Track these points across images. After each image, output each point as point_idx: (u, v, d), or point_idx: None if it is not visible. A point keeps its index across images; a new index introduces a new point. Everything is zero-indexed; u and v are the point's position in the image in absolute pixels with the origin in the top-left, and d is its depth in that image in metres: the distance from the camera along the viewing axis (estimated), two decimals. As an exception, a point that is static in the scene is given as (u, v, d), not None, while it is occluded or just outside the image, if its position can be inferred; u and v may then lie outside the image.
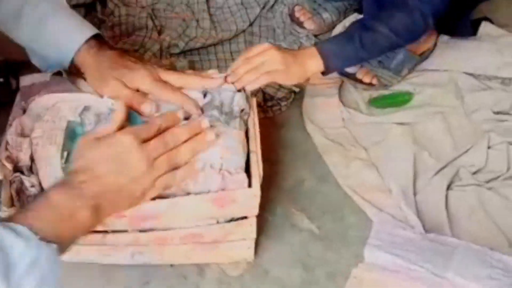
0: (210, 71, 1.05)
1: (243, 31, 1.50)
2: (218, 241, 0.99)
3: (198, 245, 0.99)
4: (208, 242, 0.99)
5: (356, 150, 1.24)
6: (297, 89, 1.37)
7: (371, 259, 0.80)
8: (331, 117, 1.30)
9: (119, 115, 0.84)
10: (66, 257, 0.93)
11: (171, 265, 1.03)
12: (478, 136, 1.24)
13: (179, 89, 0.97)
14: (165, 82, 0.96)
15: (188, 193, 0.90)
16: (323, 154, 1.24)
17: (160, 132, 0.85)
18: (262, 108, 1.33)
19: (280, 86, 1.36)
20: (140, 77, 0.95)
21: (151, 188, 0.82)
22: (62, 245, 0.71)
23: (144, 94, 0.95)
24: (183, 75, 0.99)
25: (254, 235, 1.00)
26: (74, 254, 0.96)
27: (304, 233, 1.10)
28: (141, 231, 0.94)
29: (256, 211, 0.95)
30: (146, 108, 0.93)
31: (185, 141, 0.87)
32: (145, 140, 0.82)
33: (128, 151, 0.79)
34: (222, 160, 0.91)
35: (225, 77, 1.01)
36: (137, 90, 0.95)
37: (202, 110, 0.97)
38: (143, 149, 0.80)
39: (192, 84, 0.98)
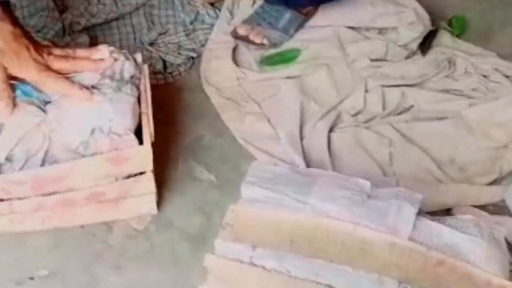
0: (100, 46, 1.10)
1: (143, 4, 1.57)
2: (120, 198, 1.08)
3: (102, 204, 1.08)
4: (112, 200, 1.08)
5: (250, 105, 1.35)
6: (194, 55, 1.47)
7: (246, 194, 0.91)
8: (226, 78, 1.40)
9: None
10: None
11: (81, 226, 1.12)
12: (358, 82, 1.36)
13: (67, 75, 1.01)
14: (51, 72, 0.98)
15: (83, 156, 0.99)
16: (220, 112, 1.35)
17: None
18: (163, 74, 1.42)
19: (179, 53, 1.45)
20: (25, 68, 0.96)
21: None
22: None
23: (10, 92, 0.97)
24: (75, 61, 1.02)
25: (153, 189, 1.10)
26: (-13, 224, 1.05)
27: (203, 184, 1.21)
28: (44, 195, 1.02)
29: (150, 166, 1.05)
30: (1, 105, 0.96)
31: None
32: None
33: None
34: (111, 123, 1.00)
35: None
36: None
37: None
38: None
39: (85, 68, 1.03)
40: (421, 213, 0.89)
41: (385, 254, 0.82)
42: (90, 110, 1.00)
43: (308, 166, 1.18)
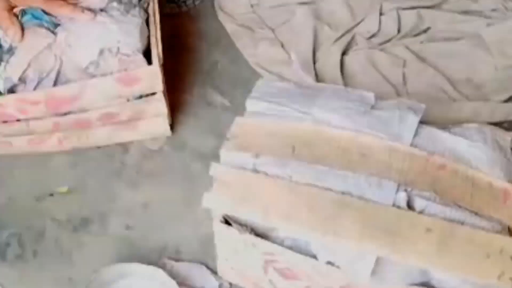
0: None
1: None
2: (134, 119, 1.11)
3: (117, 125, 1.11)
4: (126, 121, 1.11)
5: (263, 31, 1.34)
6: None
7: (251, 109, 0.92)
8: (240, 5, 1.40)
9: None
10: (2, 151, 1.06)
11: (98, 147, 1.15)
12: (373, 5, 1.34)
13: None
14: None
15: (94, 76, 1.02)
16: (234, 39, 1.35)
17: None
18: (177, 3, 1.43)
19: (193, -18, 1.45)
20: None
21: None
22: None
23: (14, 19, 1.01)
24: None
25: (165, 110, 1.12)
26: (8, 147, 1.09)
27: (217, 107, 1.23)
28: (59, 115, 1.06)
29: (160, 87, 1.07)
30: (10, 33, 1.00)
31: None
32: None
33: None
34: (119, 44, 1.02)
35: None
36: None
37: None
38: None
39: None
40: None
41: (385, 158, 0.83)
42: (98, 31, 1.02)
43: (320, 88, 1.18)
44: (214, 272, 1.00)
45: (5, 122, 1.04)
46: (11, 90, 1.01)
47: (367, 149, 0.84)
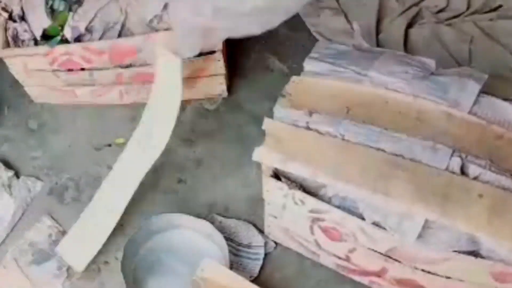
0: None
1: None
2: (192, 77, 1.12)
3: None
4: (184, 78, 1.12)
5: (327, 0, 1.33)
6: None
7: (308, 68, 0.92)
8: (305, -26, 1.38)
9: None
10: (66, 100, 1.10)
11: (156, 104, 1.17)
12: (442, -20, 1.31)
13: None
14: None
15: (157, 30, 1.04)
16: (298, 7, 1.34)
17: None
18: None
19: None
20: None
21: None
22: None
23: None
24: None
25: (223, 70, 1.13)
26: (72, 96, 1.13)
27: (275, 73, 1.23)
28: (122, 67, 1.08)
29: (219, 46, 1.08)
30: None
31: None
32: None
33: None
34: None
35: None
36: None
37: None
38: None
39: None
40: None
41: (442, 123, 0.81)
42: (164, -15, 1.03)
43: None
44: (261, 231, 1.00)
45: (70, 70, 1.08)
46: (78, 39, 1.04)
47: (424, 113, 0.83)
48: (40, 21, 1.04)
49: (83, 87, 1.12)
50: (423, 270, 0.81)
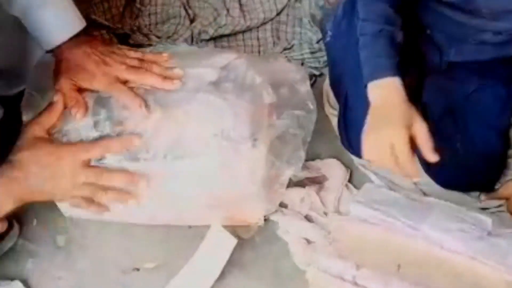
0: (164, 55, 1.08)
1: (271, 19, 1.59)
2: (231, 203, 1.09)
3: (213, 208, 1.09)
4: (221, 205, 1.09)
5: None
6: (317, 73, 1.46)
7: (354, 213, 0.88)
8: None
9: (58, 107, 0.98)
10: (97, 215, 1.06)
11: (189, 227, 1.13)
12: None
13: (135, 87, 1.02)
14: (117, 84, 1.01)
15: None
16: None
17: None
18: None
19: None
20: (93, 82, 1.01)
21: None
22: None
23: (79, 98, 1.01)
24: (144, 75, 1.02)
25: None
26: (103, 212, 1.09)
27: (313, 202, 1.19)
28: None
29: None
30: (73, 111, 0.99)
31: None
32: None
33: (63, 170, 0.94)
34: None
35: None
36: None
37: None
38: (75, 173, 0.94)
39: (150, 83, 1.02)
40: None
41: (501, 292, 0.76)
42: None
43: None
44: None
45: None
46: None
47: (481, 278, 0.78)
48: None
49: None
50: None
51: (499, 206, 1.05)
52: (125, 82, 1.02)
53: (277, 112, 1.07)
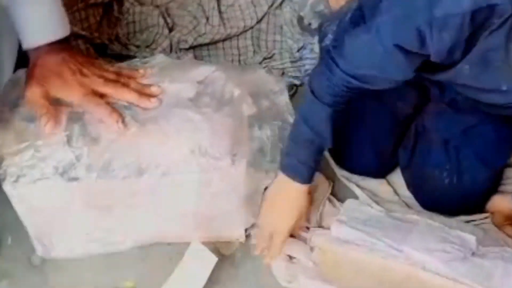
0: (141, 71, 1.06)
1: (251, 27, 1.57)
2: (212, 219, 1.07)
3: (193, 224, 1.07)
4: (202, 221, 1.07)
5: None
6: (298, 82, 1.44)
7: (336, 233, 0.87)
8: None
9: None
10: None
11: (169, 244, 1.11)
12: None
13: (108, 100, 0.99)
14: (93, 96, 0.98)
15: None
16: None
17: None
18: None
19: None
20: (68, 91, 0.97)
21: None
22: None
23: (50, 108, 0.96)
24: (121, 90, 1.00)
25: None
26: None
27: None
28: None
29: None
30: (43, 120, 0.95)
31: None
32: None
33: None
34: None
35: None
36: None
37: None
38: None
39: (126, 98, 1.00)
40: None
41: (486, 317, 0.75)
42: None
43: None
44: None
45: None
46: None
47: (466, 302, 0.77)
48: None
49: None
50: None
51: (485, 218, 1.04)
52: (101, 96, 0.99)
53: (257, 124, 1.06)
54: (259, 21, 1.58)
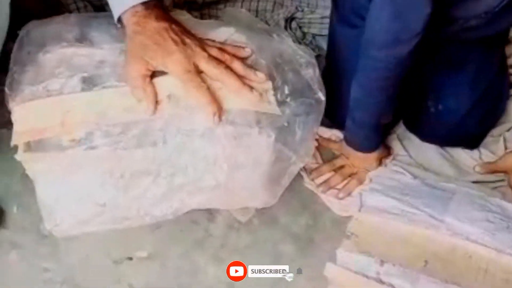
0: (247, 49, 0.95)
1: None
2: (233, 193, 1.02)
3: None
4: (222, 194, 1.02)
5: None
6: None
7: (372, 203, 0.83)
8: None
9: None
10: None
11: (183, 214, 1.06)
12: None
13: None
14: (196, 76, 0.86)
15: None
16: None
17: None
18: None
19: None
20: (170, 62, 0.85)
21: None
22: None
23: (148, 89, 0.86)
24: (225, 73, 0.87)
25: (260, 181, 1.03)
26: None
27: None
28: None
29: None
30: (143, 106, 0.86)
31: None
32: None
33: None
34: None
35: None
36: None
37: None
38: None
39: (228, 84, 0.88)
40: None
41: (534, 289, 0.73)
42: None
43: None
44: None
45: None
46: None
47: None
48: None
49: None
50: None
51: (501, 181, 1.01)
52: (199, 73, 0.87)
53: (282, 98, 0.98)
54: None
